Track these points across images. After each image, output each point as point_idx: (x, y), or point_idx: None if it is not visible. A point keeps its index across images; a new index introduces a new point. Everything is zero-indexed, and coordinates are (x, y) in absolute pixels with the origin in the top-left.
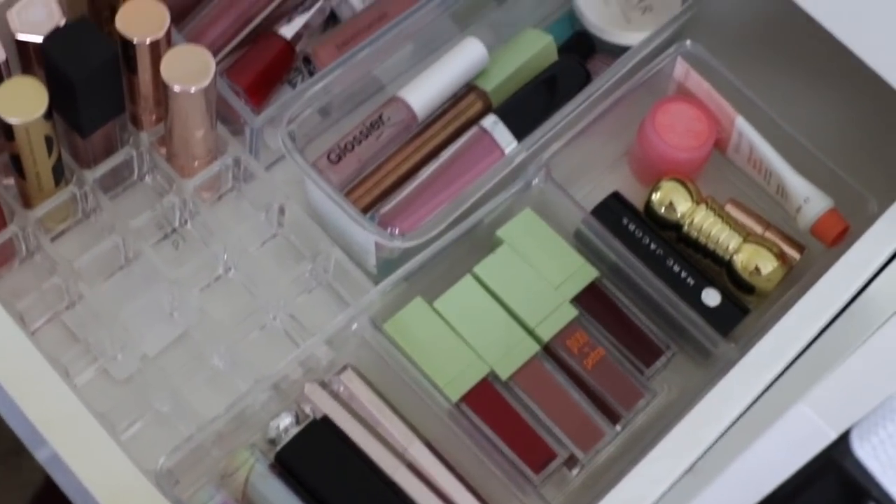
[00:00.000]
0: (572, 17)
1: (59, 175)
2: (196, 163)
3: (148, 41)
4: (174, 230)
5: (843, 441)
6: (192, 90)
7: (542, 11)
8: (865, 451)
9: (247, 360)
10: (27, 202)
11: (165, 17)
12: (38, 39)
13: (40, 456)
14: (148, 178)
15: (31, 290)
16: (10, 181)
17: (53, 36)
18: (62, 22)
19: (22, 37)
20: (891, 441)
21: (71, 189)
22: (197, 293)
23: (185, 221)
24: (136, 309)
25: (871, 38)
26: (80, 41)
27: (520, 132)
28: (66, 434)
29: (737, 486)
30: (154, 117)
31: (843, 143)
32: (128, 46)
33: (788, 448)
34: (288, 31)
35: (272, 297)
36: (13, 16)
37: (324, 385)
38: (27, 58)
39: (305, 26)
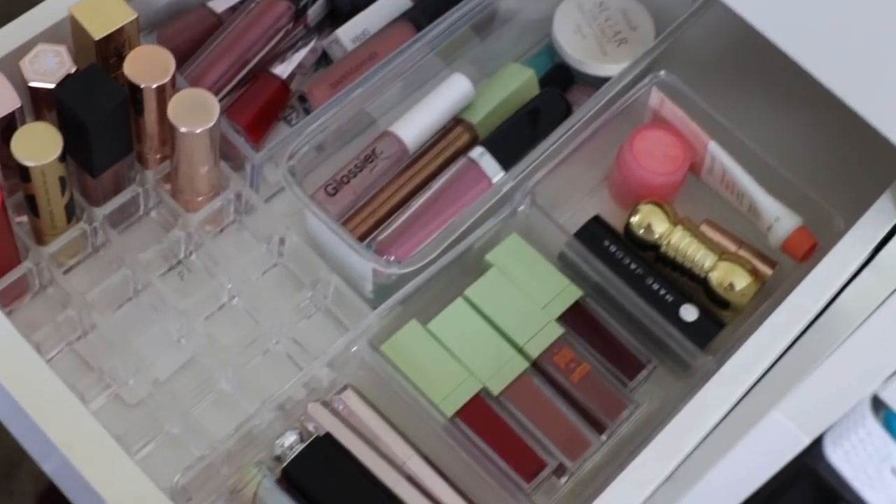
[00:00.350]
0: (551, 50)
1: (71, 213)
2: (200, 198)
3: (155, 86)
4: (179, 262)
5: (816, 446)
6: (198, 131)
7: (521, 46)
8: (838, 456)
9: (252, 382)
10: (39, 239)
11: (171, 63)
12: (50, 86)
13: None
14: (153, 213)
15: (45, 321)
16: (23, 219)
17: (66, 82)
18: (72, 69)
19: (34, 84)
20: (862, 445)
21: (82, 226)
22: (203, 321)
23: (190, 253)
24: (145, 337)
25: (832, 64)
26: (91, 87)
27: (506, 162)
28: (87, 455)
29: (714, 493)
30: (159, 156)
31: (810, 163)
32: (135, 91)
33: (764, 454)
34: (282, 70)
35: (275, 323)
36: (26, 64)
37: (326, 404)
38: (38, 103)
39: (299, 66)
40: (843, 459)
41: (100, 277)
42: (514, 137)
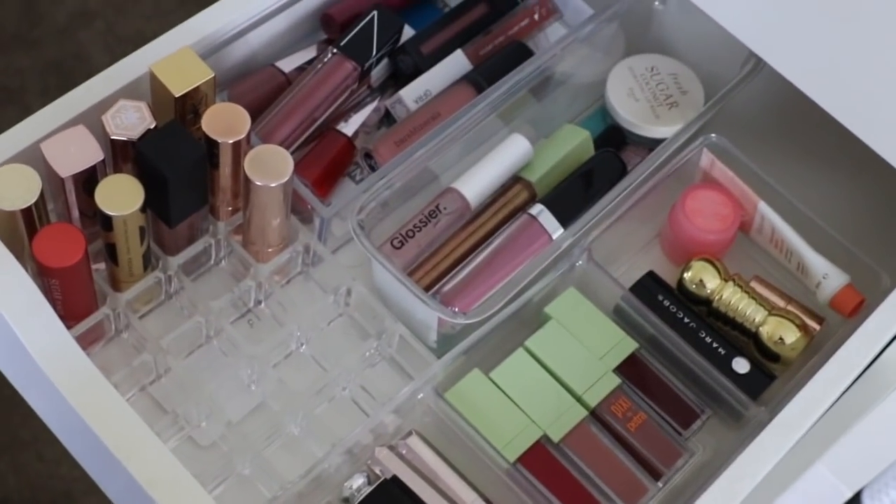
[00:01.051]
0: (604, 112)
1: (148, 261)
2: (270, 249)
3: (231, 141)
4: (249, 310)
5: (855, 500)
6: (273, 185)
7: (576, 108)
8: None
9: (320, 427)
10: (116, 286)
11: (246, 120)
12: (132, 140)
13: None
14: (224, 263)
15: (120, 365)
16: (100, 266)
17: (148, 137)
18: (153, 124)
19: (117, 138)
20: None
21: (157, 274)
22: (272, 367)
23: (260, 302)
24: (217, 381)
25: (876, 127)
26: (171, 142)
27: (563, 219)
28: (171, 494)
29: None
30: (230, 208)
31: (855, 223)
32: (212, 146)
33: None
34: (348, 129)
35: (342, 370)
36: (108, 119)
37: (392, 448)
38: (116, 155)
39: (363, 124)
40: None
41: (173, 323)
42: (571, 195)
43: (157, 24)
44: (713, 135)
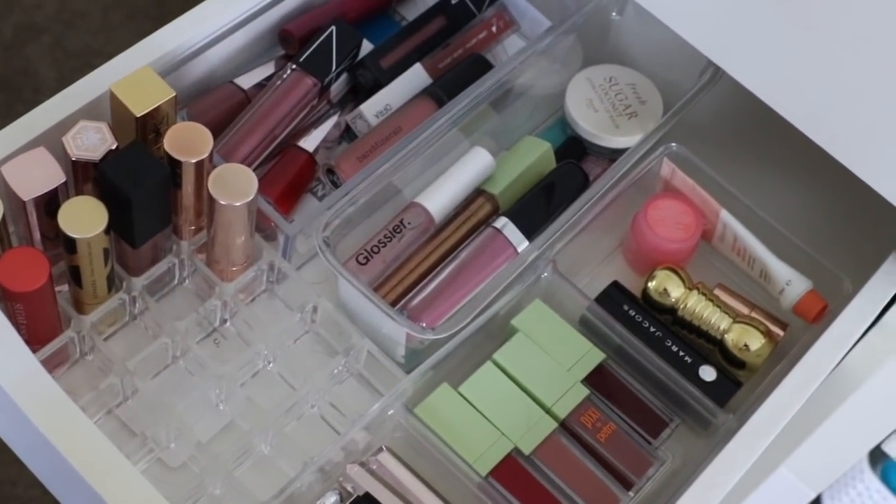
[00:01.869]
0: (564, 123)
1: (112, 283)
2: (235, 268)
3: (194, 161)
4: (215, 329)
5: (816, 501)
6: (238, 204)
7: (536, 119)
8: None
9: (290, 445)
10: (79, 308)
11: (209, 139)
12: (94, 160)
13: None
14: (187, 282)
15: (86, 388)
16: (62, 288)
17: (110, 158)
18: (114, 145)
19: (79, 159)
20: (860, 499)
21: (121, 295)
22: (240, 386)
23: (225, 321)
24: (185, 402)
25: (835, 133)
26: (134, 162)
27: (528, 231)
28: None
29: None
30: (193, 228)
31: (816, 229)
32: (175, 165)
33: None
34: (309, 144)
35: (311, 388)
36: (69, 140)
37: (363, 465)
38: (77, 177)
39: (323, 140)
40: None
41: (138, 345)
42: (535, 207)
43: (105, 39)
44: (673, 144)
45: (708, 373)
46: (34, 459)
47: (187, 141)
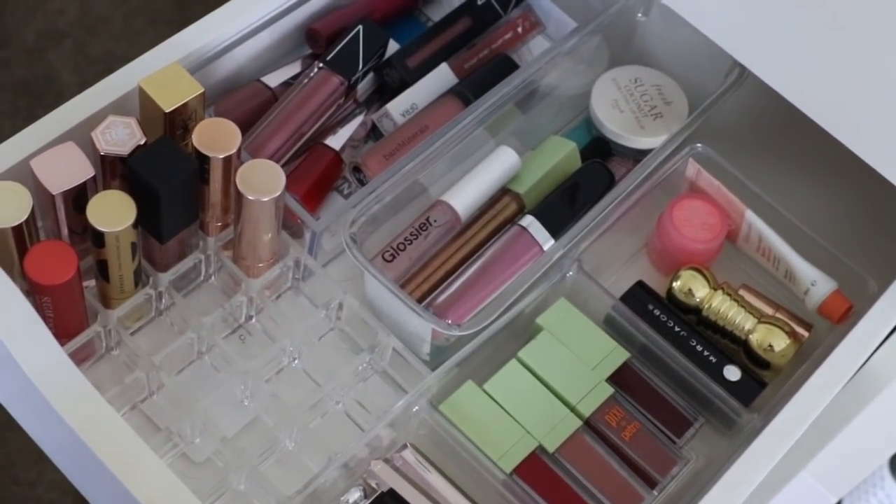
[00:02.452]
0: (589, 123)
1: (139, 278)
2: (261, 264)
3: (222, 156)
4: (240, 325)
5: None
6: (265, 199)
7: (561, 119)
8: None
9: (314, 441)
10: (106, 303)
11: (237, 135)
12: (123, 155)
13: None
14: (213, 279)
15: (112, 382)
16: (90, 283)
17: (139, 153)
18: (143, 140)
19: (107, 153)
20: None
21: (148, 290)
22: (265, 382)
23: (251, 317)
24: (210, 397)
25: (860, 132)
26: (162, 157)
27: (554, 229)
28: None
29: None
30: (220, 224)
31: (841, 230)
32: (203, 161)
33: None
34: (335, 143)
35: (335, 385)
36: (97, 135)
37: (388, 461)
38: (105, 172)
39: (350, 138)
40: None
41: (164, 340)
42: (561, 206)
43: (127, 44)
44: (699, 144)
45: (732, 373)
46: (60, 453)
47: (215, 137)
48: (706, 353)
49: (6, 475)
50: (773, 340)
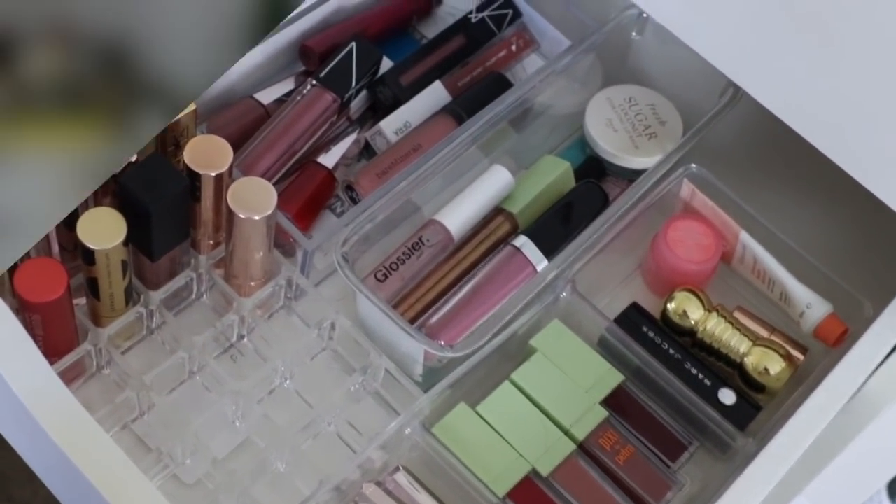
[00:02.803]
0: (583, 143)
1: (129, 296)
2: (253, 283)
3: (214, 174)
4: (232, 345)
5: None
6: (257, 218)
7: (555, 139)
8: None
9: (306, 463)
10: (96, 321)
11: (229, 152)
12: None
13: None
14: (205, 297)
15: (102, 402)
16: (80, 301)
17: (130, 170)
18: (134, 157)
19: None
20: None
21: (139, 309)
22: (257, 403)
23: (243, 337)
24: (202, 418)
25: (856, 154)
26: (154, 175)
27: (547, 250)
28: None
29: None
30: (211, 242)
31: (836, 252)
32: (194, 178)
33: None
34: (328, 161)
35: (327, 406)
36: None
37: (379, 484)
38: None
39: (343, 157)
40: None
41: (155, 359)
42: (554, 227)
43: None
44: (693, 165)
45: (727, 396)
46: (50, 473)
47: (207, 154)
48: (701, 376)
49: (0, 493)
50: (768, 363)
